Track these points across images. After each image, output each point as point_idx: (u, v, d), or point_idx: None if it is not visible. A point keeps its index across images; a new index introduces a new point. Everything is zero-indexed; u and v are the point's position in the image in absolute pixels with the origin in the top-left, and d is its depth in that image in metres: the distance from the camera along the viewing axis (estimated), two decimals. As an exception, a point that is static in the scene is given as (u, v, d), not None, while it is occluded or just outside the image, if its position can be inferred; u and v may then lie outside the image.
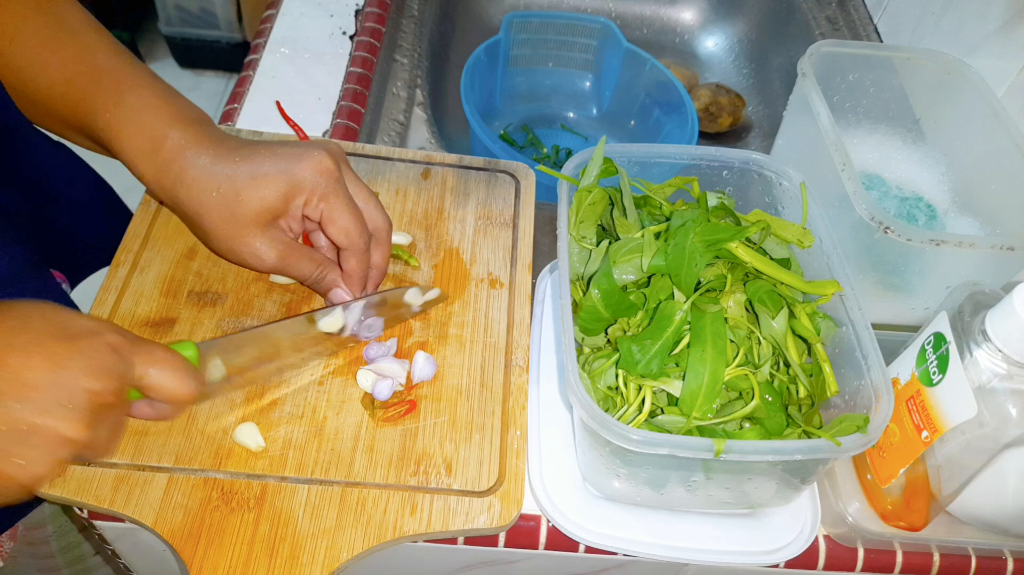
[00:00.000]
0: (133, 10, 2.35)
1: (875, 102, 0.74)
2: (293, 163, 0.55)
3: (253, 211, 0.54)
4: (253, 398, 0.57)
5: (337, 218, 0.55)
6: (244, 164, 0.54)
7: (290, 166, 0.55)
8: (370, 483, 0.54)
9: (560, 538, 0.56)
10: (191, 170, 0.54)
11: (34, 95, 0.59)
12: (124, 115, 0.55)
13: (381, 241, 0.59)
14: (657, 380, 0.51)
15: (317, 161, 0.55)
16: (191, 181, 0.54)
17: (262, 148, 0.56)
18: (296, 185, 0.54)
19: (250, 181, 0.54)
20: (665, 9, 1.21)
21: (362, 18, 0.92)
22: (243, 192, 0.54)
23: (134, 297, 0.61)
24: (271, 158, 0.55)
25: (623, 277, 0.54)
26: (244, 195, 0.54)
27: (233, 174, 0.54)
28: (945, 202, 0.72)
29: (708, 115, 1.04)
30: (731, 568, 0.59)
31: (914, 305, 0.64)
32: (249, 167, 0.54)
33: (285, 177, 0.54)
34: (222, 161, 0.54)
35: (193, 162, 0.54)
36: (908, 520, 0.55)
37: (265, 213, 0.55)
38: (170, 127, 0.54)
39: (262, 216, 0.55)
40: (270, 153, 0.55)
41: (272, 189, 0.54)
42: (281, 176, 0.54)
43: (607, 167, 0.59)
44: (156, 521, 0.51)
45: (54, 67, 0.57)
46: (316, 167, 0.55)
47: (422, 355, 0.59)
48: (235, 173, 0.54)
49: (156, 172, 0.55)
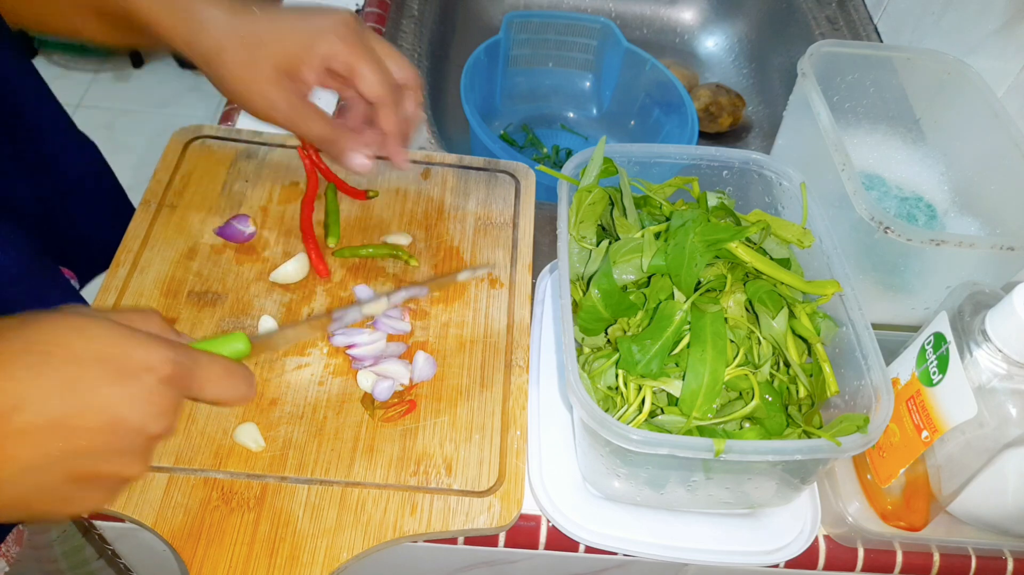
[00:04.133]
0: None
1: (875, 102, 0.74)
2: (316, 16, 0.56)
3: (275, 56, 0.55)
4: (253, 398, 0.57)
5: (365, 69, 0.56)
6: (267, 15, 0.56)
7: (314, 18, 0.56)
8: (370, 483, 0.54)
9: (560, 538, 0.56)
10: (213, 19, 0.55)
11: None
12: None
13: (412, 89, 0.60)
14: (657, 380, 0.51)
15: (340, 16, 0.56)
16: (211, 27, 0.55)
17: (282, 7, 0.57)
18: (320, 34, 0.55)
19: (272, 28, 0.55)
20: (665, 9, 1.21)
21: (362, 18, 0.92)
22: (265, 37, 0.55)
23: (134, 297, 0.61)
24: (297, 13, 0.57)
25: (623, 277, 0.54)
26: (266, 40, 0.55)
27: (255, 21, 0.55)
28: (945, 202, 0.72)
29: (708, 115, 1.04)
30: (731, 568, 0.59)
31: (914, 305, 0.64)
32: (272, 19, 0.56)
33: (308, 26, 0.56)
34: (244, 11, 0.55)
35: (214, 11, 0.55)
36: (908, 520, 0.55)
37: (286, 60, 0.55)
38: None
39: (283, 63, 0.55)
40: (294, 10, 0.57)
41: (295, 38, 0.55)
42: (305, 25, 0.56)
43: (607, 167, 0.59)
44: (156, 521, 0.51)
45: None
46: (339, 19, 0.56)
47: (422, 355, 0.59)
48: (257, 20, 0.55)
49: (176, 21, 0.55)
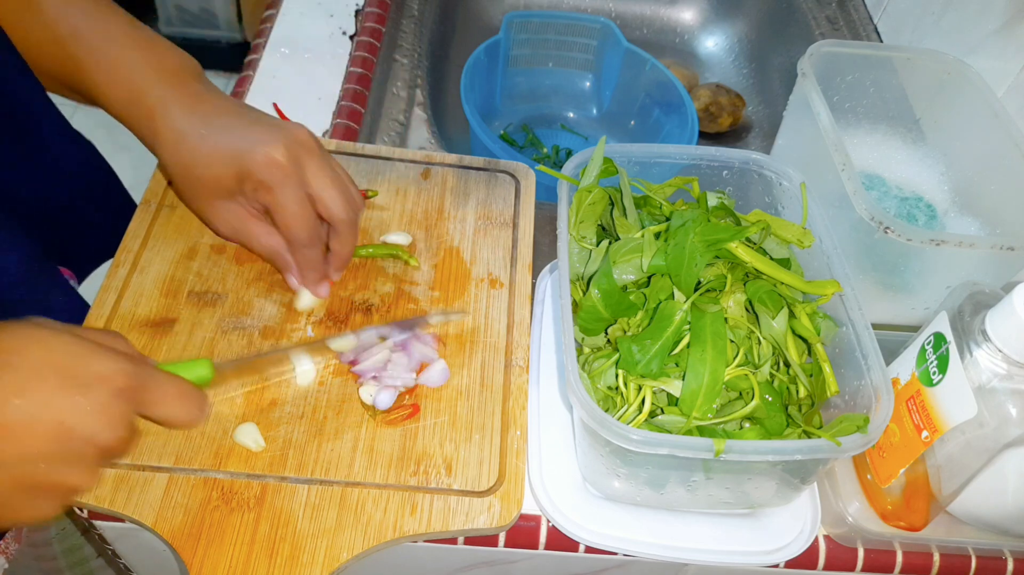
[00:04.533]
0: (133, 10, 2.32)
1: (875, 102, 0.74)
2: (248, 149, 0.55)
3: (207, 186, 0.57)
4: (253, 398, 0.57)
5: (278, 212, 0.56)
6: (208, 138, 0.56)
7: (244, 152, 0.55)
8: (370, 483, 0.54)
9: (560, 538, 0.56)
10: (164, 132, 0.56)
11: (26, 54, 0.60)
12: (105, 72, 0.57)
13: (339, 232, 0.59)
14: (657, 380, 0.51)
15: (268, 153, 0.55)
16: (163, 142, 0.56)
17: (231, 121, 0.57)
18: (244, 172, 0.55)
19: (208, 157, 0.56)
20: (665, 9, 1.21)
21: (362, 18, 0.92)
22: (200, 166, 0.56)
23: (134, 297, 0.61)
24: (231, 138, 0.56)
25: (623, 277, 0.54)
26: (200, 167, 0.56)
27: (197, 145, 0.56)
28: (945, 202, 0.72)
29: (708, 115, 1.04)
30: (731, 568, 0.59)
31: (914, 305, 0.64)
32: (211, 142, 0.56)
33: (236, 163, 0.55)
34: (192, 129, 0.56)
35: (167, 124, 0.56)
36: (908, 520, 0.55)
37: (218, 189, 0.57)
38: (150, 83, 0.56)
39: (216, 191, 0.57)
40: (232, 132, 0.56)
41: (224, 170, 0.56)
42: (233, 160, 0.55)
43: (607, 167, 0.59)
44: (156, 521, 0.51)
45: (38, 30, 0.58)
46: (265, 160, 0.55)
47: (441, 364, 0.59)
48: (199, 145, 0.56)
49: (138, 127, 0.58)
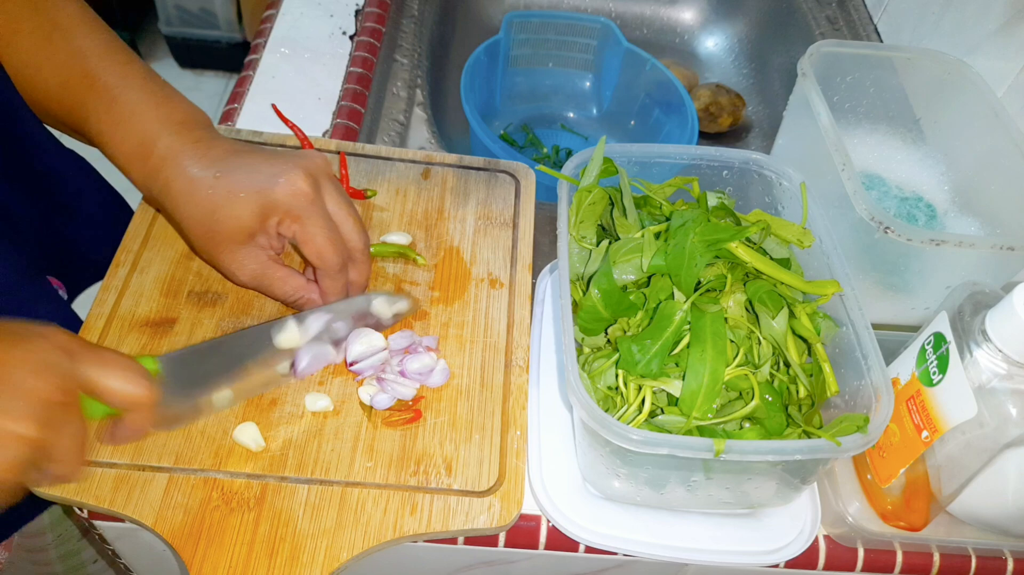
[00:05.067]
0: (133, 10, 2.35)
1: (875, 102, 0.74)
2: (269, 182, 0.54)
3: (227, 229, 0.54)
4: (253, 398, 0.57)
5: (309, 240, 0.55)
6: (224, 179, 0.54)
7: (265, 186, 0.54)
8: (370, 483, 0.54)
9: (560, 538, 0.56)
10: (175, 181, 0.54)
11: (32, 96, 0.59)
12: (114, 120, 0.55)
13: (357, 260, 0.59)
14: (657, 380, 0.51)
15: (292, 182, 0.54)
16: (175, 193, 0.54)
17: (246, 160, 0.55)
18: (269, 206, 0.54)
19: (226, 198, 0.54)
20: (665, 9, 1.21)
21: (362, 18, 0.92)
22: (219, 210, 0.54)
23: (134, 297, 0.61)
24: (249, 175, 0.54)
25: (623, 277, 0.54)
26: (220, 213, 0.54)
27: (213, 189, 0.54)
28: (945, 202, 0.72)
29: (708, 115, 1.04)
30: (731, 568, 0.59)
31: (914, 305, 0.64)
32: (228, 183, 0.54)
33: (259, 198, 0.54)
34: (205, 173, 0.54)
35: (177, 173, 0.54)
36: (908, 520, 0.55)
37: (239, 232, 0.55)
38: (158, 133, 0.55)
39: (237, 235, 0.55)
40: (250, 169, 0.55)
41: (246, 209, 0.54)
42: (255, 196, 0.54)
43: (607, 167, 0.59)
44: (156, 521, 0.51)
45: (48, 71, 0.57)
46: (290, 189, 0.54)
47: (442, 363, 0.59)
48: (215, 188, 0.54)
49: (145, 178, 0.56)
